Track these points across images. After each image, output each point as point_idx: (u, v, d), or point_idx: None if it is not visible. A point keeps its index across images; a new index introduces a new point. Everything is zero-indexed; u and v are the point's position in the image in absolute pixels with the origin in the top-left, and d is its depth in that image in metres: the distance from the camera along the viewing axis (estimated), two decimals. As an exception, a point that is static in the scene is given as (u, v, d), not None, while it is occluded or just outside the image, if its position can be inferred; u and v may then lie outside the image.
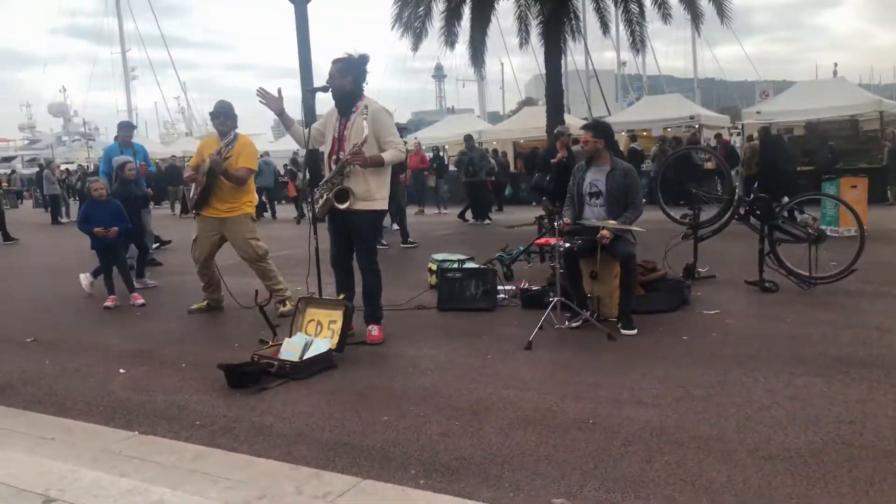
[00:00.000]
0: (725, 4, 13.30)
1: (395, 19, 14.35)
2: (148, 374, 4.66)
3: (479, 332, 5.40)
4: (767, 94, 27.71)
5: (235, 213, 6.22)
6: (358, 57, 5.12)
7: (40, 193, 22.13)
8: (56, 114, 65.18)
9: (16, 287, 8.35)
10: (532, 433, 3.45)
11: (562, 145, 9.59)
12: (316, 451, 3.33)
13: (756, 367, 4.31)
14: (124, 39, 52.06)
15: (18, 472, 3.05)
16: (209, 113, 6.31)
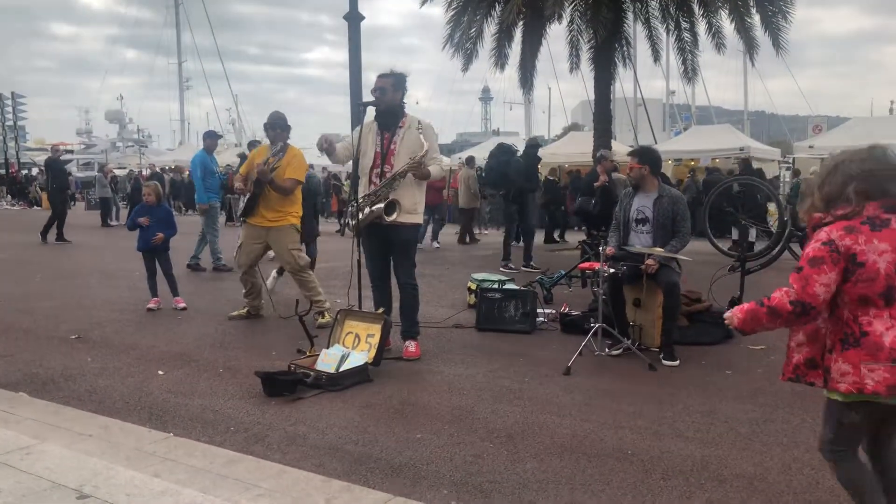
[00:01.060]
0: (781, 35, 13.06)
1: (446, 40, 14.45)
2: (186, 378, 4.70)
3: (517, 355, 5.33)
4: (820, 129, 27.16)
5: (280, 223, 6.28)
6: (402, 74, 5.17)
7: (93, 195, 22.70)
8: (112, 120, 67.14)
9: (64, 286, 8.55)
10: (568, 460, 3.37)
11: (602, 169, 9.50)
12: (348, 465, 3.30)
13: (803, 407, 4.15)
14: (181, 51, 53.56)
15: (55, 466, 3.08)
16: (263, 124, 6.39)
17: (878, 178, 2.32)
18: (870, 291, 2.25)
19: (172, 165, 31.52)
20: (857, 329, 2.28)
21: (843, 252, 2.26)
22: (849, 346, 2.29)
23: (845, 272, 2.26)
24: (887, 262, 2.24)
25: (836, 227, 2.31)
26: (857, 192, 2.32)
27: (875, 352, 2.23)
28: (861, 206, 2.31)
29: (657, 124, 39.18)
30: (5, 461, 3.12)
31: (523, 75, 15.18)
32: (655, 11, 14.22)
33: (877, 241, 2.25)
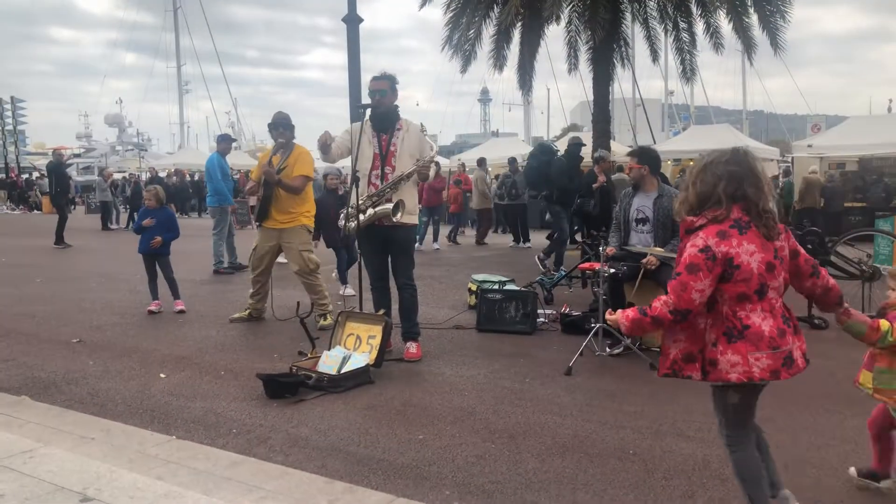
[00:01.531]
0: (780, 35, 13.04)
1: (445, 41, 14.40)
2: (187, 380, 4.70)
3: (518, 355, 5.34)
4: (819, 128, 27.18)
5: (293, 224, 6.29)
6: (394, 75, 5.20)
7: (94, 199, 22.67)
8: (112, 124, 67.18)
9: (64, 289, 8.55)
10: (570, 460, 3.38)
11: (600, 170, 9.51)
12: (350, 466, 3.30)
13: (806, 406, 4.16)
14: (180, 54, 53.57)
15: (58, 469, 3.09)
16: (268, 124, 6.38)
17: (738, 180, 2.50)
18: (746, 289, 2.45)
19: (172, 169, 31.57)
20: (739, 323, 2.47)
21: (719, 258, 2.43)
22: (734, 339, 2.47)
23: (723, 274, 2.45)
24: (758, 261, 2.45)
25: (710, 234, 2.47)
26: (725, 193, 2.49)
27: (757, 342, 2.45)
28: (729, 207, 2.49)
29: (656, 124, 39.24)
30: (8, 465, 3.13)
31: (522, 76, 15.15)
32: (653, 12, 14.20)
33: (746, 242, 2.45)
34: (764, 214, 2.49)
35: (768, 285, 2.48)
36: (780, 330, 2.49)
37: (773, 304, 2.51)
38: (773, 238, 2.50)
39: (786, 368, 2.48)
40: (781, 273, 2.54)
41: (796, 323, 2.63)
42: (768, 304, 2.49)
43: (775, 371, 2.46)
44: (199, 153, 44.41)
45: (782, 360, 2.47)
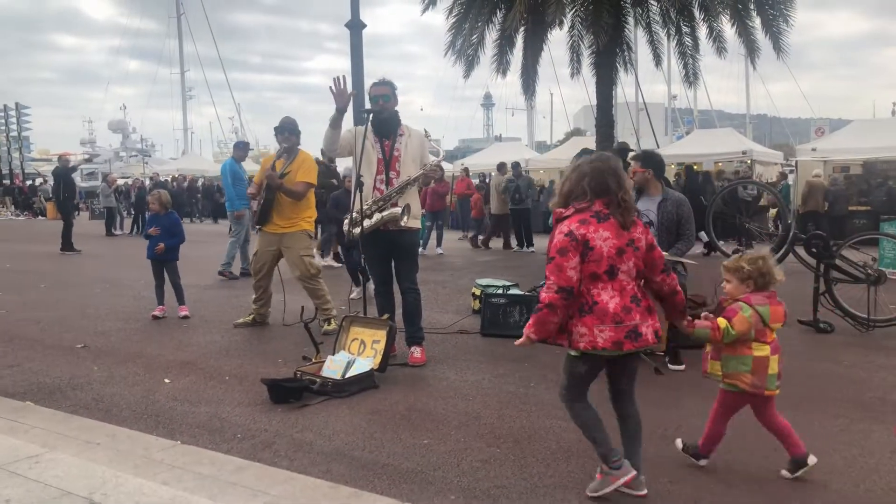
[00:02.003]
0: (782, 39, 13.03)
1: (447, 46, 14.43)
2: (192, 385, 4.71)
3: (523, 360, 5.33)
4: (823, 131, 27.17)
5: (293, 229, 6.30)
6: (393, 82, 5.23)
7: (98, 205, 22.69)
8: (115, 130, 67.39)
9: (69, 295, 8.57)
10: (575, 465, 3.37)
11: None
12: (355, 471, 3.30)
13: (811, 410, 4.15)
14: (183, 60, 53.75)
15: (64, 474, 3.09)
16: (274, 128, 6.39)
17: (603, 176, 2.91)
18: (597, 269, 2.86)
19: (176, 175, 31.66)
20: (591, 300, 2.87)
21: (579, 240, 2.84)
22: (585, 313, 2.88)
23: (582, 255, 2.85)
24: (609, 246, 2.86)
25: (573, 221, 2.89)
26: (590, 187, 2.91)
27: (602, 316, 2.85)
28: (592, 201, 2.91)
29: (659, 128, 39.23)
30: (14, 470, 3.13)
31: (525, 81, 15.17)
32: (656, 16, 14.22)
33: (602, 230, 2.87)
34: (623, 205, 2.90)
35: (618, 268, 2.88)
36: (625, 307, 2.87)
37: (623, 284, 2.90)
38: (628, 227, 2.91)
39: (629, 340, 2.86)
40: (632, 259, 2.92)
41: (650, 304, 2.99)
42: (619, 285, 2.89)
43: (618, 342, 2.84)
44: (202, 159, 44.57)
45: (625, 332, 2.85)
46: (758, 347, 3.13)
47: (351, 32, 10.48)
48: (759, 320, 3.11)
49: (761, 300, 3.16)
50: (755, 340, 3.13)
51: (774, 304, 3.18)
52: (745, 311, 3.11)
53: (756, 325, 3.11)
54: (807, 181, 16.27)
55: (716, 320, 3.13)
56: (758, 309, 3.12)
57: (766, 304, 3.15)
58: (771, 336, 3.18)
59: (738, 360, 3.15)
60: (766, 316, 3.12)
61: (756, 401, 3.21)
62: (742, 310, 3.12)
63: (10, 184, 36.17)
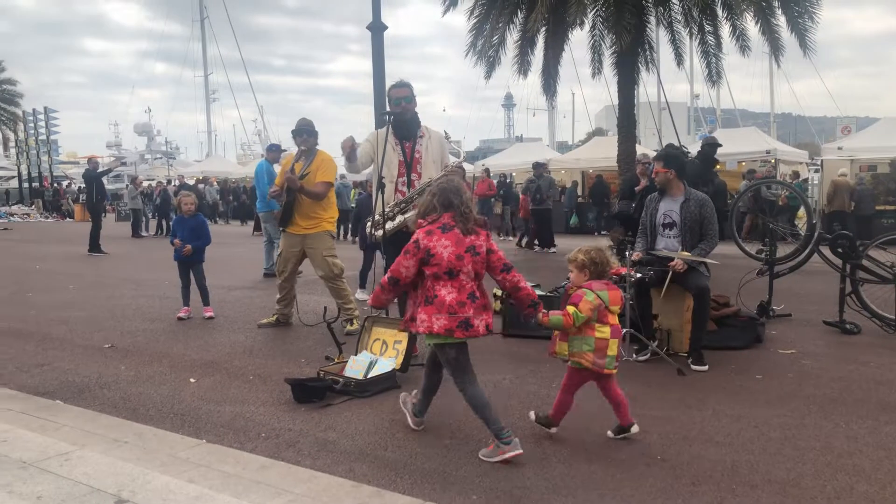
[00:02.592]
0: (808, 36, 12.89)
1: (469, 48, 14.48)
2: (217, 385, 4.77)
3: (544, 360, 5.30)
4: (849, 130, 26.74)
5: (316, 230, 6.35)
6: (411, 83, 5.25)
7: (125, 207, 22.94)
8: (141, 133, 68.35)
9: (96, 295, 8.72)
10: (597, 466, 3.37)
11: (642, 172, 9.43)
12: (378, 470, 3.33)
13: (836, 412, 4.11)
14: (207, 63, 54.40)
15: (93, 472, 3.16)
16: (292, 131, 6.45)
17: (447, 194, 3.50)
18: (439, 270, 3.40)
19: (200, 177, 32.01)
20: (432, 293, 3.42)
21: (422, 248, 3.42)
22: (427, 303, 3.43)
23: (424, 260, 3.42)
24: (449, 252, 3.40)
25: (422, 232, 3.47)
26: (439, 203, 3.49)
27: (440, 307, 3.39)
28: (440, 214, 3.49)
29: (682, 128, 38.89)
30: (45, 467, 3.20)
31: (546, 81, 15.17)
32: (678, 16, 14.13)
33: (444, 239, 3.42)
34: (464, 216, 3.48)
35: (458, 270, 3.40)
36: (460, 302, 3.39)
37: (462, 283, 3.42)
38: (468, 234, 3.45)
39: (461, 329, 3.40)
40: (471, 263, 3.43)
41: (485, 302, 3.48)
42: (458, 283, 3.41)
43: (450, 329, 3.38)
44: (226, 161, 45.03)
45: (457, 322, 3.38)
46: (599, 329, 3.56)
47: (372, 34, 10.52)
48: (602, 303, 3.54)
49: (601, 286, 3.60)
50: (598, 322, 3.56)
51: (613, 291, 3.62)
52: (588, 296, 3.54)
53: (599, 308, 3.54)
54: (832, 180, 16.07)
55: (566, 308, 3.55)
56: (599, 294, 3.56)
57: (606, 290, 3.58)
58: (612, 319, 3.59)
59: (582, 341, 3.57)
60: (607, 299, 3.56)
61: (597, 377, 3.65)
62: (586, 295, 3.55)
63: (40, 186, 36.82)
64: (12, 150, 42.45)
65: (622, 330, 3.73)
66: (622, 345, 5.15)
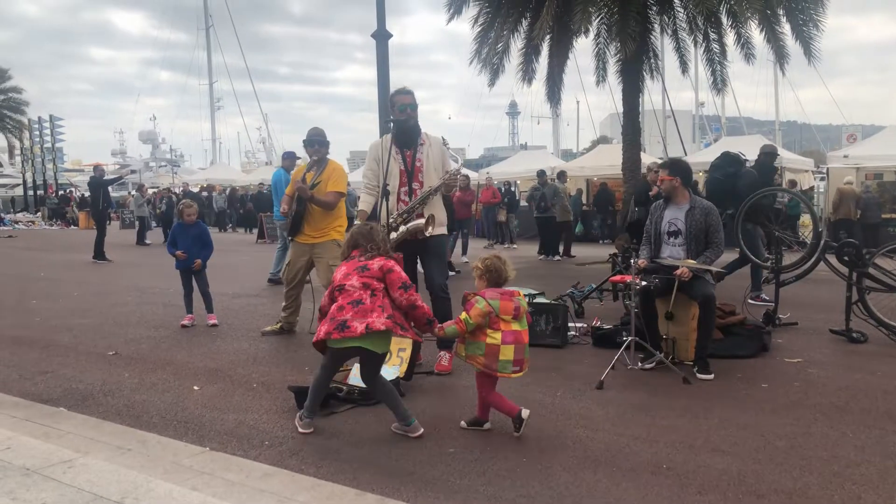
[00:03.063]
0: (813, 44, 12.89)
1: (473, 55, 14.52)
2: (221, 393, 4.76)
3: (549, 369, 5.31)
4: (855, 138, 26.72)
5: (324, 239, 6.36)
6: None
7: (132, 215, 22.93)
8: (146, 140, 68.57)
9: (100, 303, 8.73)
10: (602, 475, 3.34)
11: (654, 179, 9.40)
12: (381, 478, 3.31)
13: (843, 421, 4.08)
14: (212, 71, 54.63)
15: (96, 479, 3.14)
16: (303, 141, 6.46)
17: (354, 237, 4.04)
18: (334, 288, 3.89)
19: (204, 184, 32.09)
20: (330, 307, 3.86)
21: (335, 285, 3.92)
22: (324, 316, 3.89)
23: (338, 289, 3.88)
24: (341, 274, 3.91)
25: (338, 271, 4.00)
26: (348, 245, 4.07)
27: (328, 318, 3.79)
28: (350, 252, 4.03)
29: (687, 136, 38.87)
30: (49, 474, 3.19)
31: (550, 89, 15.19)
32: (683, 23, 14.15)
33: (344, 267, 3.95)
34: (370, 251, 3.95)
35: (344, 286, 3.82)
36: (340, 307, 3.76)
37: (350, 294, 3.79)
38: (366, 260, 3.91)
39: (337, 331, 3.70)
40: (355, 276, 3.84)
41: (367, 307, 3.74)
42: (346, 295, 3.79)
43: (328, 332, 3.72)
44: (230, 169, 45.20)
45: (335, 325, 3.71)
46: (491, 335, 3.78)
47: (377, 42, 10.56)
48: (492, 311, 3.76)
49: (494, 295, 3.84)
50: (490, 328, 3.78)
51: (505, 300, 3.83)
52: (479, 304, 3.78)
53: (490, 315, 3.76)
54: (838, 188, 16.04)
55: (458, 317, 3.83)
56: (490, 302, 3.78)
57: (498, 299, 3.81)
58: (507, 326, 3.80)
59: (475, 346, 3.82)
60: (497, 308, 3.78)
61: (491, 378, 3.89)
62: (477, 303, 3.79)
63: (45, 194, 36.97)
64: (18, 157, 42.66)
65: (525, 336, 3.89)
66: (627, 353, 5.15)
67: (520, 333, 3.85)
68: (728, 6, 12.64)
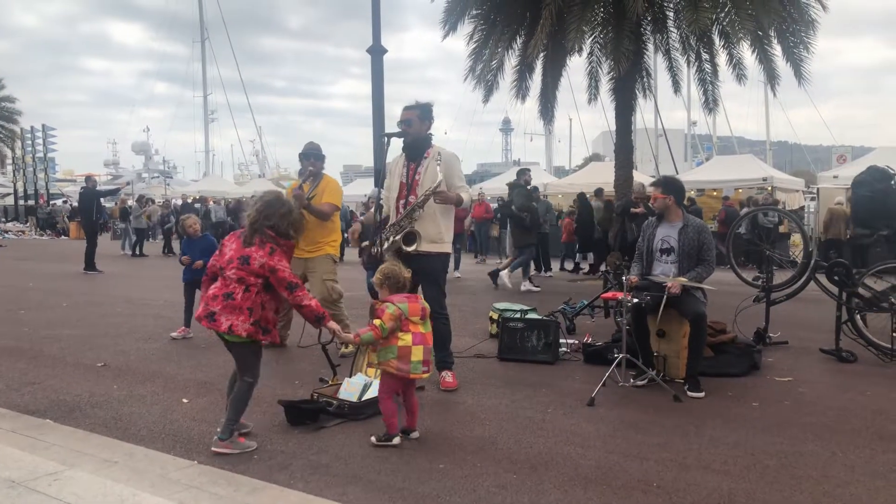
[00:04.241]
0: (803, 66, 13.01)
1: (468, 72, 14.59)
2: (210, 405, 4.72)
3: (540, 385, 5.30)
4: (845, 159, 26.95)
5: (318, 253, 6.34)
6: (428, 104, 5.25)
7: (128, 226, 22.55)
8: (139, 151, 68.52)
9: (90, 314, 8.67)
10: (593, 492, 3.33)
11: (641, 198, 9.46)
12: (371, 494, 3.28)
13: (833, 440, 4.08)
14: (206, 84, 54.63)
15: (82, 492, 3.11)
16: (299, 154, 6.48)
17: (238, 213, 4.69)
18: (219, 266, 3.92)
19: (197, 195, 31.98)
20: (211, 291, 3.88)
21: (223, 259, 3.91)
22: None
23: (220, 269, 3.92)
24: (228, 256, 3.87)
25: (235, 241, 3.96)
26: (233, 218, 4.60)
27: (204, 303, 3.83)
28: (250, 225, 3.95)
29: (679, 154, 39.15)
30: (34, 487, 3.15)
31: (544, 106, 15.25)
32: (676, 43, 14.26)
33: (235, 245, 3.89)
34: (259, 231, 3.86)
35: (225, 272, 3.82)
36: (214, 297, 3.80)
37: (226, 283, 3.80)
38: (248, 245, 3.84)
39: (206, 320, 3.80)
40: (235, 268, 3.80)
41: (236, 304, 3.76)
42: (224, 286, 3.81)
43: (199, 317, 3.84)
44: (223, 181, 45.05)
45: (205, 313, 3.80)
46: (402, 338, 3.93)
47: (372, 58, 10.62)
48: (402, 313, 3.91)
49: (401, 298, 3.99)
50: (400, 331, 3.93)
51: (413, 302, 4.01)
52: (389, 309, 3.91)
53: (400, 318, 3.91)
54: (828, 209, 16.14)
55: (372, 322, 3.91)
56: (399, 305, 3.93)
57: (406, 301, 3.97)
58: (416, 328, 3.96)
59: (388, 350, 3.93)
60: (406, 310, 3.93)
61: (404, 382, 4.02)
62: (388, 308, 3.91)
63: (35, 203, 36.77)
64: (9, 167, 42.46)
65: (430, 339, 4.08)
66: (618, 370, 5.15)
67: (426, 336, 4.02)
68: (720, 27, 12.75)
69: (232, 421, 3.87)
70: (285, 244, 3.93)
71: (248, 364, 3.96)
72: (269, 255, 3.81)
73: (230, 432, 3.83)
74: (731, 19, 12.05)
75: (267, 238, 3.85)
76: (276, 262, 3.81)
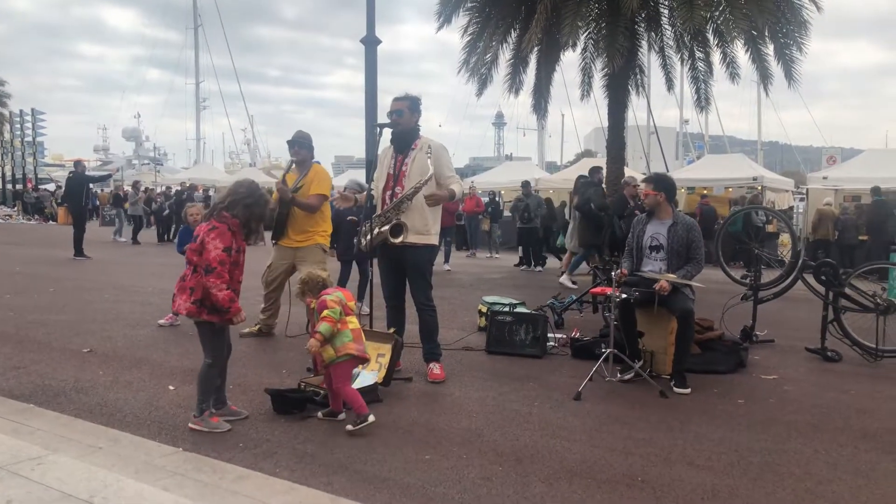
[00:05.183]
0: (794, 67, 13.04)
1: (461, 65, 14.52)
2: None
3: (527, 378, 5.31)
4: (835, 160, 27.11)
5: (308, 243, 6.32)
6: (417, 97, 5.23)
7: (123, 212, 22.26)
8: (129, 138, 67.96)
9: (77, 300, 8.61)
10: (578, 486, 3.34)
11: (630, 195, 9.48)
12: (356, 484, 3.29)
13: (816, 438, 4.11)
14: (199, 71, 54.24)
15: (65, 477, 3.09)
16: (287, 141, 6.44)
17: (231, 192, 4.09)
18: None
19: (187, 183, 31.80)
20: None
21: None
22: None
23: None
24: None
25: None
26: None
27: None
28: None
29: (670, 153, 39.26)
30: (16, 471, 3.14)
31: (537, 101, 15.23)
32: (670, 41, 14.26)
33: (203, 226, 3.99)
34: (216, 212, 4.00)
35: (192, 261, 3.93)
36: (181, 277, 3.98)
37: (188, 271, 3.95)
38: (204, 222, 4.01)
39: (173, 301, 3.98)
40: (190, 248, 3.96)
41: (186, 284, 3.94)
42: (189, 269, 3.94)
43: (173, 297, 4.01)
44: (214, 169, 44.82)
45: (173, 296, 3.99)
46: (350, 321, 4.15)
47: (366, 48, 10.56)
48: (341, 299, 4.16)
49: (332, 290, 4.26)
50: (347, 316, 4.15)
51: (340, 289, 4.32)
52: (329, 297, 4.14)
53: (342, 303, 4.14)
54: (817, 209, 16.24)
55: (322, 313, 4.06)
56: (333, 294, 4.18)
57: (338, 291, 4.26)
58: (350, 315, 4.19)
59: (342, 336, 4.09)
60: (342, 297, 4.20)
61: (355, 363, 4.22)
62: (326, 297, 4.14)
63: (23, 188, 36.45)
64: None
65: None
66: (605, 365, 5.17)
67: None
68: (715, 25, 12.75)
69: (200, 401, 3.98)
70: (234, 226, 3.97)
71: (204, 343, 4.08)
72: (207, 232, 3.91)
73: (200, 411, 3.96)
74: (725, 18, 12.06)
75: (220, 220, 3.95)
76: (210, 239, 3.89)
